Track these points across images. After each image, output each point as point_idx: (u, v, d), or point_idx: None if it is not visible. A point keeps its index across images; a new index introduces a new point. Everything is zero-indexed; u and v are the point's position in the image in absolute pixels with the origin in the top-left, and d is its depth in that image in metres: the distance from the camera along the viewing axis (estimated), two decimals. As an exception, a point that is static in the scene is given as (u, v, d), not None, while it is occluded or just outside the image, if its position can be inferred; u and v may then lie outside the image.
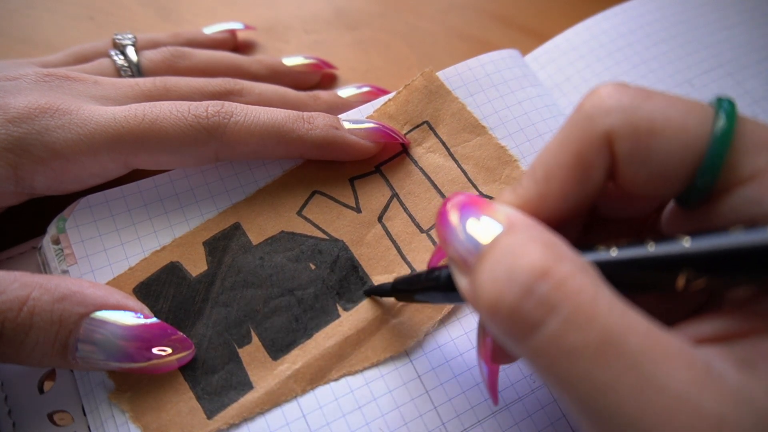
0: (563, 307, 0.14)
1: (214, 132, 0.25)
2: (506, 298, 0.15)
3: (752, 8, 0.39)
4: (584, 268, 0.15)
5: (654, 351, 0.14)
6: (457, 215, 0.18)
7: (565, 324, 0.14)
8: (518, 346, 0.15)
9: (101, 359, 0.21)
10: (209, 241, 0.26)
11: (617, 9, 0.39)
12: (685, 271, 0.15)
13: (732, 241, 0.15)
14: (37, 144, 0.23)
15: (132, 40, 0.34)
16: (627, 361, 0.14)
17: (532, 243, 0.16)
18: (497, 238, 0.16)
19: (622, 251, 0.16)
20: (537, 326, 0.15)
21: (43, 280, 0.21)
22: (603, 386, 0.14)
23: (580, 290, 0.14)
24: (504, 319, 0.15)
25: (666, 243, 0.16)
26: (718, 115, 0.17)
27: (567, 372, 0.14)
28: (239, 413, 0.23)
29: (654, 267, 0.16)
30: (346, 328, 0.25)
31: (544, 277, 0.15)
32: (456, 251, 0.17)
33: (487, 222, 0.17)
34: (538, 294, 0.15)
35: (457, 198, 0.19)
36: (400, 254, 0.27)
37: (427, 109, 0.31)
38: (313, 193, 0.28)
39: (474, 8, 0.44)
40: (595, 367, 0.14)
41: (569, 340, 0.14)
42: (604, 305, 0.14)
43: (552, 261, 0.15)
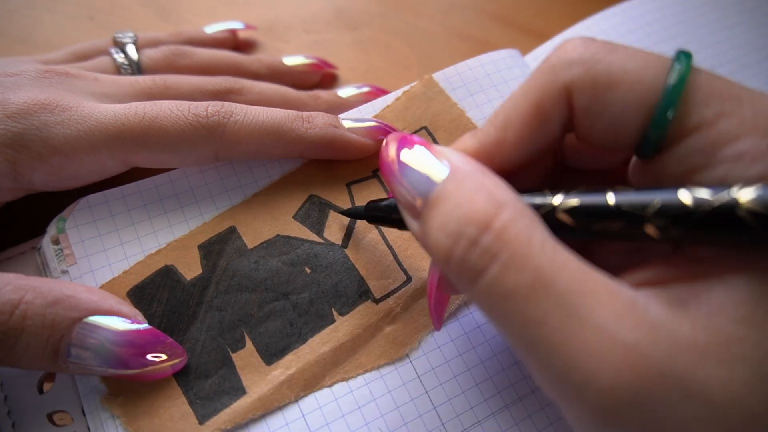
0: (502, 255, 0.16)
1: (214, 131, 0.25)
2: (456, 251, 0.17)
3: (752, 8, 0.39)
4: (523, 213, 0.16)
5: (580, 288, 0.15)
6: (395, 155, 0.19)
7: (502, 269, 0.16)
8: (466, 289, 0.17)
9: (95, 365, 0.21)
10: (204, 245, 0.26)
11: (617, 9, 0.39)
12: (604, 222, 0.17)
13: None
14: (36, 140, 0.23)
15: (132, 39, 0.34)
16: (555, 298, 0.15)
17: (476, 192, 0.17)
18: (442, 187, 0.17)
19: (565, 196, 0.18)
20: (481, 273, 0.16)
21: (37, 284, 0.21)
22: (534, 322, 0.15)
23: (516, 237, 0.16)
24: (455, 268, 0.17)
25: (591, 194, 0.17)
26: (672, 67, 0.17)
27: (505, 311, 0.16)
28: (231, 419, 0.23)
29: (581, 214, 0.17)
30: (341, 333, 0.25)
31: (487, 228, 0.16)
32: (403, 197, 0.19)
33: (431, 165, 0.18)
34: (481, 245, 0.16)
35: (392, 136, 0.20)
36: (396, 260, 0.27)
37: (425, 114, 0.30)
38: (310, 197, 0.28)
39: (474, 8, 0.44)
40: (527, 306, 0.15)
41: (506, 282, 0.16)
42: (537, 248, 0.16)
43: (493, 210, 0.16)
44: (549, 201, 0.18)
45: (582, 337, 0.15)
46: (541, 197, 0.18)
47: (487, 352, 0.26)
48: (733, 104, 0.17)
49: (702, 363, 0.14)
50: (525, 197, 0.18)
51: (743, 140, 0.16)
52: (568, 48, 0.19)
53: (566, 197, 0.18)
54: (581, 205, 0.17)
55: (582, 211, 0.17)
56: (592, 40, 0.19)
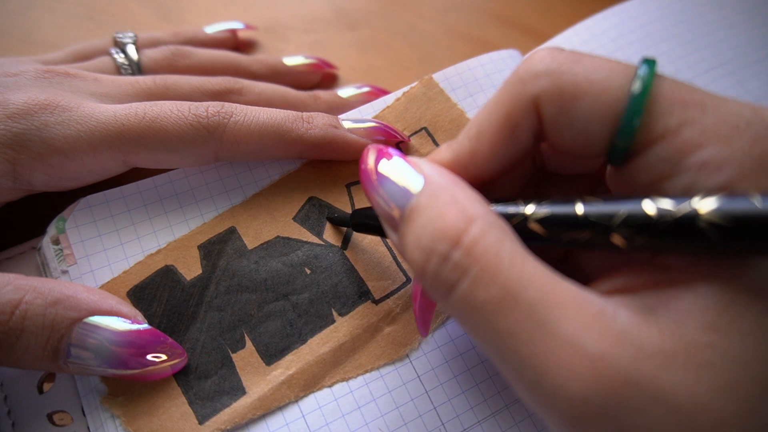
0: (471, 270, 0.16)
1: (214, 131, 0.25)
2: (429, 266, 0.17)
3: (752, 7, 0.39)
4: (492, 226, 0.17)
5: (548, 299, 0.15)
6: (374, 165, 0.20)
7: (472, 284, 0.16)
8: (440, 302, 0.17)
9: (95, 365, 0.21)
10: (204, 245, 0.26)
11: (617, 9, 0.39)
12: (577, 232, 0.17)
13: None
14: (36, 140, 0.23)
15: (133, 39, 0.34)
16: (523, 310, 0.15)
17: (447, 206, 0.17)
18: (417, 201, 0.18)
19: (537, 206, 0.18)
20: (453, 287, 0.17)
21: (37, 284, 0.21)
22: (504, 334, 0.16)
23: (485, 251, 0.16)
24: (429, 281, 0.17)
25: (561, 204, 0.18)
26: (635, 76, 0.17)
27: (477, 324, 0.16)
28: (231, 419, 0.23)
29: (551, 224, 0.18)
30: (341, 334, 0.25)
31: (457, 244, 0.16)
32: (381, 209, 0.19)
33: (407, 177, 0.19)
34: (452, 260, 0.16)
35: (371, 147, 0.20)
36: (395, 261, 0.27)
37: (425, 115, 0.30)
38: (310, 198, 0.28)
39: (474, 8, 0.44)
40: (497, 318, 0.16)
41: (476, 297, 0.16)
42: (506, 262, 0.16)
43: (463, 225, 0.17)
44: (521, 211, 0.18)
45: (550, 348, 0.15)
46: (513, 207, 0.18)
47: (487, 352, 0.26)
48: (696, 112, 0.17)
49: (668, 369, 0.15)
50: (498, 207, 0.19)
51: (706, 148, 0.16)
52: (536, 59, 0.19)
53: (538, 207, 0.18)
54: (551, 215, 0.18)
55: (552, 221, 0.18)
56: (559, 50, 0.19)
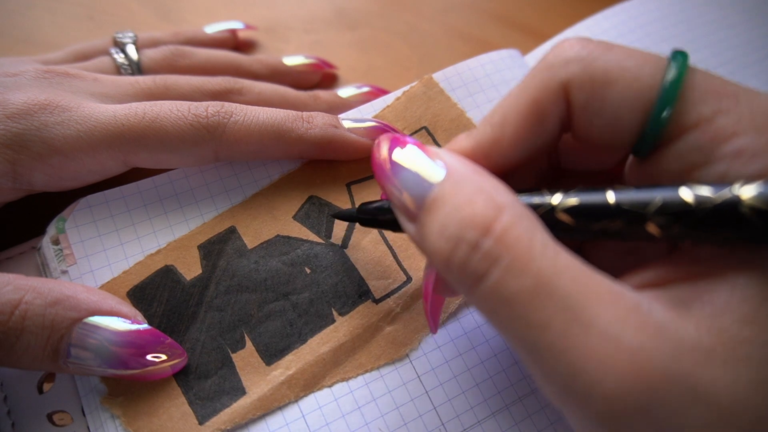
0: (503, 259, 0.15)
1: (214, 131, 0.25)
2: (457, 256, 0.16)
3: (752, 8, 0.39)
4: (522, 215, 0.16)
5: (583, 292, 0.15)
6: (387, 154, 0.19)
7: (504, 273, 0.15)
8: (467, 294, 0.17)
9: (95, 365, 0.21)
10: (204, 245, 0.26)
11: (617, 8, 0.39)
12: (607, 221, 0.17)
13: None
14: (36, 140, 0.23)
15: (132, 39, 0.34)
16: (557, 302, 0.15)
17: (474, 195, 0.17)
18: (440, 189, 0.17)
19: (564, 195, 0.18)
20: (482, 277, 0.16)
21: (36, 284, 0.21)
22: (537, 326, 0.15)
23: (517, 240, 0.16)
24: (455, 272, 0.17)
25: (591, 193, 0.17)
26: (669, 65, 0.17)
27: (507, 316, 0.16)
28: (231, 419, 0.23)
29: (580, 213, 0.17)
30: (341, 334, 0.25)
31: (488, 232, 0.16)
32: (398, 200, 0.18)
33: (426, 167, 0.18)
34: (482, 249, 0.16)
35: (383, 136, 0.20)
36: (396, 260, 0.27)
37: (425, 114, 0.30)
38: (310, 197, 0.28)
39: (474, 8, 0.44)
40: (530, 310, 0.15)
41: (508, 287, 0.15)
42: (538, 252, 0.15)
43: (493, 213, 0.16)
44: (548, 201, 0.18)
45: (586, 341, 0.15)
46: (539, 197, 0.18)
47: (487, 352, 0.26)
48: (730, 102, 0.17)
49: (708, 364, 0.14)
50: (523, 197, 0.18)
51: (741, 137, 0.16)
52: (566, 46, 0.19)
53: (565, 196, 0.17)
54: (581, 204, 0.17)
55: (582, 210, 0.17)
56: (588, 39, 0.19)
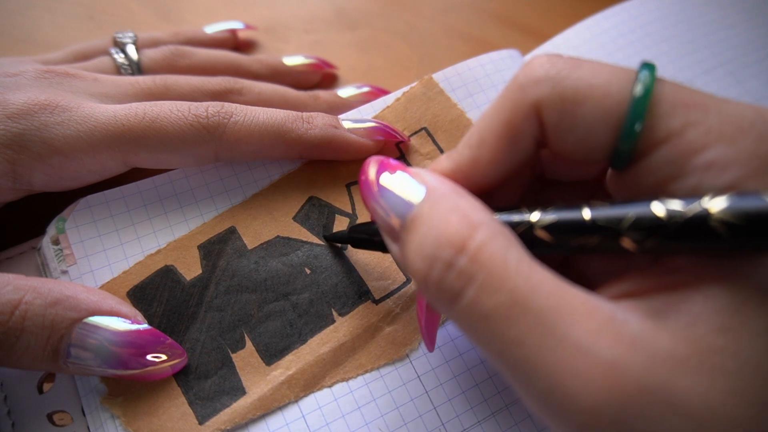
0: (478, 277, 0.16)
1: (214, 131, 0.25)
2: (432, 274, 0.17)
3: (753, 7, 0.39)
4: (497, 233, 0.16)
5: (558, 306, 0.15)
6: (375, 177, 0.19)
7: (479, 291, 0.16)
8: (445, 312, 0.17)
9: (95, 365, 0.21)
10: (204, 245, 0.26)
11: (617, 8, 0.39)
12: (585, 238, 0.17)
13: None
14: (36, 140, 0.23)
15: (132, 39, 0.34)
16: (533, 317, 0.15)
17: (450, 213, 0.17)
18: (419, 210, 0.18)
19: (542, 213, 0.18)
20: (459, 295, 0.16)
21: (36, 284, 0.21)
22: (513, 342, 0.15)
23: (491, 258, 0.16)
24: (433, 291, 0.17)
25: (567, 210, 0.17)
26: (636, 80, 0.17)
27: (484, 333, 0.16)
28: (231, 419, 0.23)
29: (558, 230, 0.17)
30: (341, 334, 0.25)
31: (462, 251, 0.16)
32: (382, 220, 0.19)
33: (408, 187, 0.18)
34: (457, 268, 0.16)
35: (373, 159, 0.20)
36: (395, 261, 0.27)
37: (425, 115, 0.30)
38: (310, 198, 0.28)
39: (474, 8, 0.44)
40: (505, 326, 0.15)
41: (483, 304, 0.16)
42: (513, 269, 0.16)
43: (467, 232, 0.16)
44: (526, 218, 0.18)
45: (561, 356, 0.15)
46: (518, 215, 0.18)
47: (486, 352, 0.26)
48: (699, 113, 0.17)
49: (682, 374, 0.14)
50: (502, 215, 0.19)
51: (711, 149, 0.16)
52: (535, 66, 0.19)
53: (543, 214, 0.18)
54: (558, 221, 0.17)
55: (559, 227, 0.17)
56: (558, 56, 0.19)
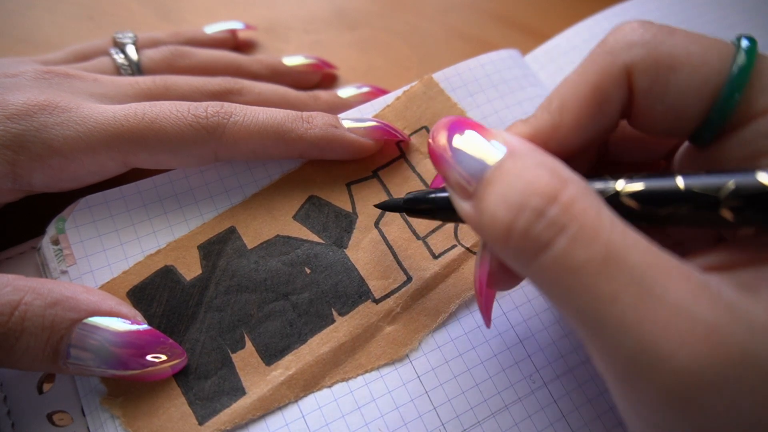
0: (570, 227, 0.15)
1: (214, 132, 0.25)
2: (519, 223, 0.16)
3: (752, 7, 0.39)
4: (587, 191, 0.16)
5: (654, 266, 0.15)
6: (446, 141, 0.18)
7: (572, 242, 0.15)
8: (526, 266, 0.16)
9: (94, 366, 0.21)
10: (204, 245, 0.26)
11: (617, 8, 0.39)
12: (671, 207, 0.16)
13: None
14: (36, 141, 0.23)
15: (132, 39, 0.34)
16: (628, 274, 0.14)
17: (538, 168, 0.16)
18: (501, 163, 0.17)
19: (627, 181, 0.17)
20: (547, 246, 0.15)
21: (36, 285, 0.21)
22: (606, 298, 0.14)
23: (584, 211, 0.15)
24: (516, 241, 0.16)
25: (658, 179, 0.17)
26: (738, 51, 0.17)
27: (572, 287, 0.15)
28: (231, 419, 0.23)
29: (647, 198, 0.17)
30: (341, 334, 0.25)
31: (554, 200, 0.15)
32: (455, 177, 0.18)
33: (487, 147, 0.17)
34: (548, 216, 0.15)
35: (441, 122, 0.19)
36: (396, 260, 0.27)
37: (425, 114, 0.30)
38: (309, 197, 0.28)
39: (474, 8, 0.44)
40: (598, 281, 0.15)
41: (576, 256, 0.15)
42: (607, 224, 0.15)
43: (559, 184, 0.16)
44: (611, 186, 0.17)
45: (658, 315, 0.14)
46: (602, 182, 0.18)
47: (487, 352, 0.26)
48: None
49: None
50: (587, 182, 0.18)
51: None
52: (627, 30, 0.18)
53: (629, 182, 0.17)
54: (646, 188, 0.17)
55: (648, 195, 0.17)
56: (650, 23, 0.18)
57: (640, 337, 0.14)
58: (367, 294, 0.26)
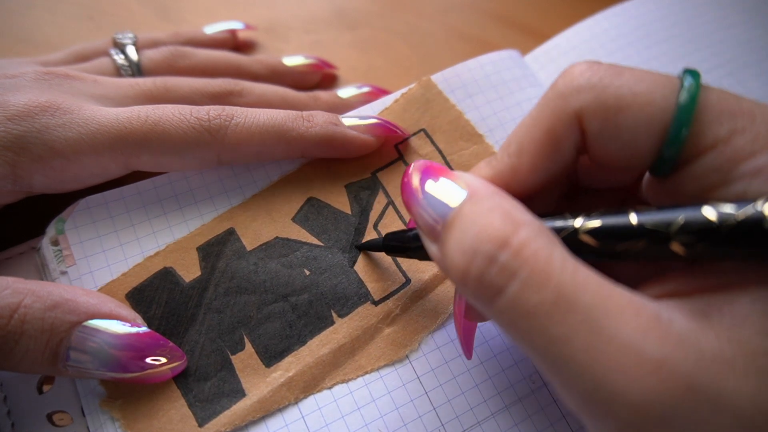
0: (521, 272, 0.16)
1: (216, 134, 0.25)
2: (473, 269, 0.16)
3: (752, 8, 0.39)
4: (540, 232, 0.16)
5: (604, 304, 0.15)
6: (419, 184, 0.19)
7: (523, 287, 0.15)
8: (485, 309, 0.17)
9: (94, 368, 0.21)
10: (203, 247, 0.26)
11: (617, 9, 0.39)
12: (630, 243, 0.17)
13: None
14: (37, 142, 0.23)
15: (132, 40, 0.34)
16: (579, 315, 0.15)
17: (493, 212, 0.17)
18: (460, 208, 0.18)
19: (585, 218, 0.18)
20: (500, 291, 0.16)
21: (35, 287, 0.21)
22: (558, 340, 0.15)
23: (535, 254, 0.16)
24: (472, 286, 0.17)
25: (613, 215, 0.17)
26: (682, 87, 0.17)
27: (527, 330, 0.16)
28: (231, 421, 0.23)
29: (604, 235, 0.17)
30: (340, 335, 0.25)
31: (504, 246, 0.16)
32: (423, 221, 0.19)
33: (450, 190, 0.18)
34: (499, 262, 0.16)
35: (417, 164, 0.20)
36: (395, 262, 0.27)
37: (424, 116, 0.30)
38: (309, 199, 0.28)
39: (474, 8, 0.44)
40: (550, 323, 0.15)
41: (528, 300, 0.15)
42: (558, 266, 0.15)
43: (511, 229, 0.16)
44: (570, 224, 0.18)
45: (609, 353, 0.15)
46: (561, 220, 0.18)
47: (486, 352, 0.26)
48: (745, 120, 0.17)
49: (730, 375, 0.14)
50: (545, 221, 0.18)
51: (759, 156, 0.16)
52: (575, 73, 0.19)
53: (587, 219, 0.18)
54: (604, 225, 0.17)
55: (604, 231, 0.17)
56: (597, 63, 0.19)
57: (594, 375, 0.15)
58: (366, 296, 0.26)
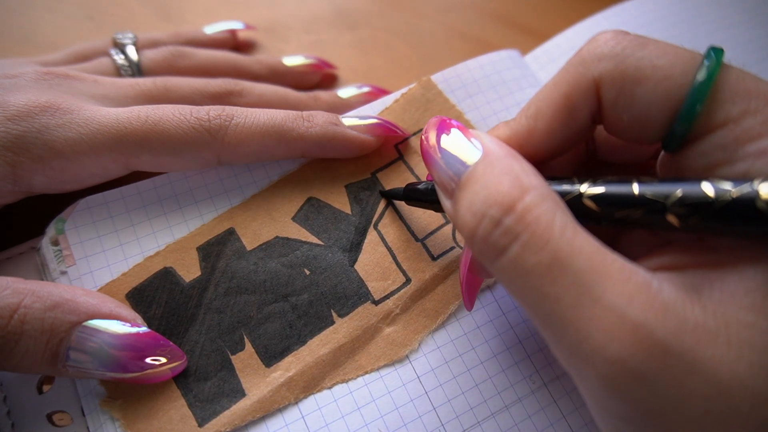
0: (522, 235, 0.17)
1: (216, 134, 0.25)
2: (480, 229, 0.18)
3: (753, 7, 0.39)
4: (545, 198, 0.17)
5: (596, 269, 0.16)
6: (435, 141, 0.20)
7: (522, 249, 0.17)
8: (490, 265, 0.18)
9: (93, 368, 0.21)
10: (203, 247, 0.26)
11: (617, 8, 0.39)
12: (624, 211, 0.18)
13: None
14: (37, 143, 0.23)
15: (132, 40, 0.34)
16: (571, 277, 0.16)
17: (503, 176, 0.18)
18: (474, 168, 0.19)
19: (591, 184, 0.18)
20: (502, 251, 0.17)
21: (35, 287, 0.21)
22: (550, 298, 0.16)
23: (537, 219, 0.17)
24: (478, 245, 0.18)
25: (617, 184, 0.18)
26: (702, 65, 0.18)
27: (523, 287, 0.17)
28: (231, 421, 0.23)
29: (605, 201, 0.18)
30: (340, 335, 0.25)
31: (510, 210, 0.17)
32: (439, 178, 0.20)
33: (467, 147, 0.19)
34: (504, 226, 0.17)
35: (432, 121, 0.21)
36: (395, 262, 0.27)
37: (424, 116, 0.30)
38: (308, 199, 0.28)
39: (474, 8, 0.44)
40: (544, 283, 0.16)
41: (525, 261, 0.17)
42: (557, 231, 0.17)
43: (517, 193, 0.17)
44: (576, 188, 0.19)
45: (593, 314, 0.16)
46: (569, 184, 0.19)
47: (486, 352, 0.26)
48: (760, 102, 0.17)
49: (710, 343, 0.15)
50: (553, 184, 0.19)
51: (766, 138, 0.16)
52: (600, 41, 0.19)
53: (592, 185, 0.18)
54: (606, 192, 0.18)
55: (606, 198, 0.18)
56: (624, 33, 0.19)
57: (579, 331, 0.16)
58: (366, 295, 0.26)
